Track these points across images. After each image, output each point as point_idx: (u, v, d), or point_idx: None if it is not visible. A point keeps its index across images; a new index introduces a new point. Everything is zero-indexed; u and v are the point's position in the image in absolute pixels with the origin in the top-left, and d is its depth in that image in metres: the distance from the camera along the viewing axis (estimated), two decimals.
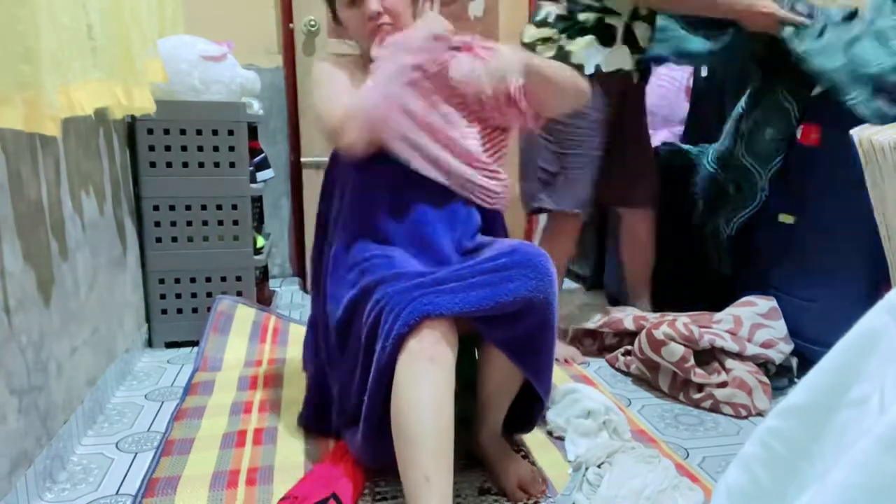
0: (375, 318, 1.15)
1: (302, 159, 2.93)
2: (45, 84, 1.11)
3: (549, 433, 1.53)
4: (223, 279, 2.18)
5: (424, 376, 1.07)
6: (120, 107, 1.59)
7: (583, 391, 1.57)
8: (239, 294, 2.21)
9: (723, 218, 2.05)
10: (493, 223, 1.42)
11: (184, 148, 2.07)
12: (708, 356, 1.76)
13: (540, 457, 1.43)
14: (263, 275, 2.55)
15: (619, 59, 1.91)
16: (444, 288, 1.14)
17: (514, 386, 1.29)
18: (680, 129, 2.51)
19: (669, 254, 2.23)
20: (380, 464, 1.22)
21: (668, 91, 2.56)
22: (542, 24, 1.93)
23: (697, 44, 2.02)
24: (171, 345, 2.16)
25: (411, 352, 1.09)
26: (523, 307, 1.15)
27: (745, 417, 1.66)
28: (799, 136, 1.83)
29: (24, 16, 1.06)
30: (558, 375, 1.74)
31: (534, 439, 1.50)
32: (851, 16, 1.73)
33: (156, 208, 2.09)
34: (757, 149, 1.93)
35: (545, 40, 1.92)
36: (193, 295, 2.16)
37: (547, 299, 1.16)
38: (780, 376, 1.82)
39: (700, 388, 1.71)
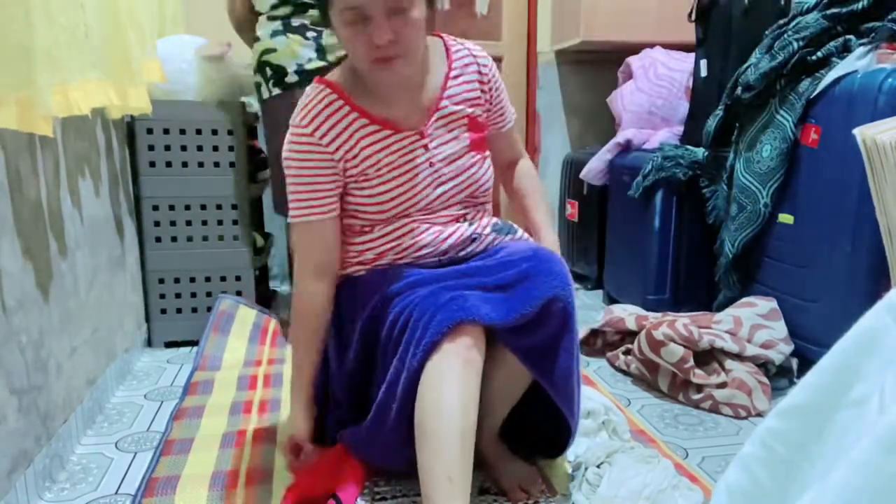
0: (403, 324, 1.13)
1: None
2: (39, 84, 1.11)
3: None
4: (223, 279, 2.18)
5: (456, 377, 1.06)
6: (116, 107, 1.59)
7: (582, 391, 1.57)
8: (238, 294, 2.21)
9: (728, 237, 2.04)
10: None
11: (183, 148, 2.07)
12: (707, 357, 1.76)
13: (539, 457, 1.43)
14: (263, 275, 2.55)
15: None
16: (473, 294, 1.13)
17: (519, 389, 1.29)
18: (680, 129, 2.51)
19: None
20: (405, 467, 1.20)
21: (668, 91, 2.56)
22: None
23: None
24: (170, 344, 2.16)
25: (445, 353, 1.07)
26: (543, 314, 1.14)
27: (745, 418, 1.66)
28: (799, 136, 1.83)
29: (19, 15, 1.06)
30: None
31: None
32: None
33: (155, 208, 2.09)
34: (756, 167, 1.92)
35: None
36: (193, 295, 2.16)
37: (566, 307, 1.15)
38: (780, 377, 1.81)
39: (699, 388, 1.71)
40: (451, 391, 1.05)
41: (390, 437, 1.16)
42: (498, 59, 3.19)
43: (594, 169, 2.66)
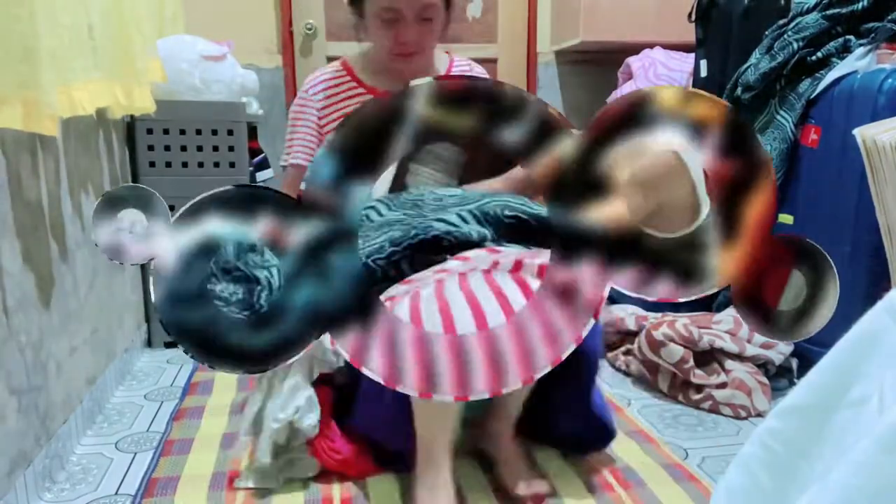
0: None
1: None
2: (44, 84, 1.11)
3: None
4: None
5: None
6: (120, 106, 1.59)
7: None
8: None
9: None
10: None
11: (183, 148, 2.07)
12: (707, 357, 1.76)
13: (540, 457, 1.43)
14: None
15: None
16: None
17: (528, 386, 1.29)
18: None
19: None
20: (404, 443, 1.22)
21: None
22: None
23: None
24: (170, 344, 2.15)
25: None
26: None
27: (745, 418, 1.66)
28: (799, 136, 1.83)
29: (24, 15, 1.06)
30: None
31: None
32: None
33: None
34: None
35: None
36: None
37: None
38: (780, 377, 1.81)
39: (699, 388, 1.71)
40: None
41: (387, 408, 1.18)
42: (493, 61, 3.20)
43: None
